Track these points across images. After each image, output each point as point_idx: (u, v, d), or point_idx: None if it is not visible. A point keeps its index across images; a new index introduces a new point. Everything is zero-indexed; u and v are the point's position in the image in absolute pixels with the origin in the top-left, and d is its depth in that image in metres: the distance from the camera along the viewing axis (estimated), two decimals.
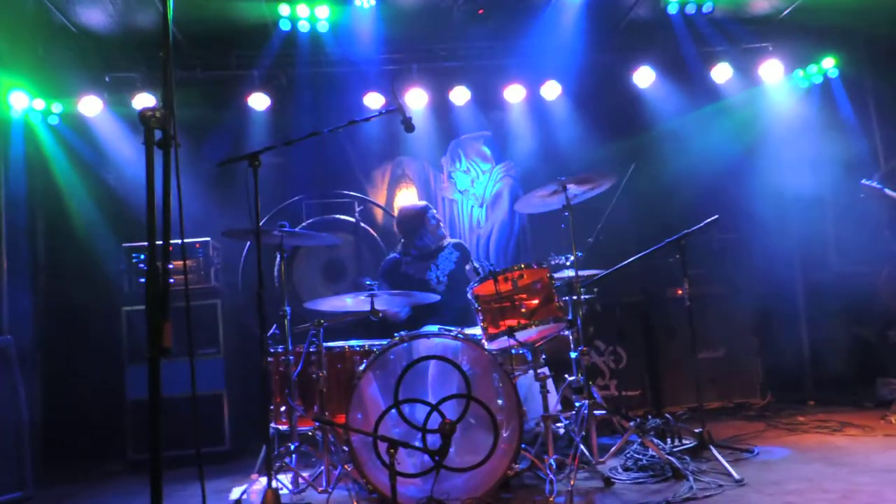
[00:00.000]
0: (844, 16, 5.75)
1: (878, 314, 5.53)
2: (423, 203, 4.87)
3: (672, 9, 5.71)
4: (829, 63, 6.30)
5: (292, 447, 3.75)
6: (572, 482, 3.42)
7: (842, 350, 5.89)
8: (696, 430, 4.01)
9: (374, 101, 5.92)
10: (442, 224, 4.85)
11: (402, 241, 4.82)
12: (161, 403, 1.67)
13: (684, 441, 4.13)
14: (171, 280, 1.82)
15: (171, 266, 1.84)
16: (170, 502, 1.80)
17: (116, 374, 5.08)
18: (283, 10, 5.37)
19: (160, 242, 1.73)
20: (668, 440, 4.15)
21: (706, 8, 5.70)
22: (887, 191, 5.15)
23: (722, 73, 6.25)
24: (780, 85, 6.44)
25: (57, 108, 5.68)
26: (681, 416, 4.91)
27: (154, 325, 1.61)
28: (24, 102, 5.43)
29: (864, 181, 5.24)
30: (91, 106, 5.66)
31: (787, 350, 6.02)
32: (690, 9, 5.70)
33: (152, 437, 1.59)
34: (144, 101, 5.64)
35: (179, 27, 5.46)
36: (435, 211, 4.85)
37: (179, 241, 1.84)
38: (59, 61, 5.47)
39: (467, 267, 4.57)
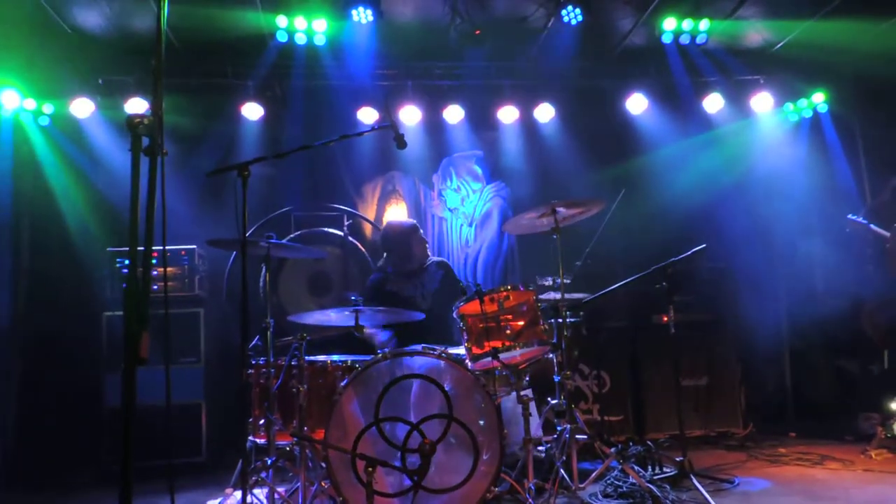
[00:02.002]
0: (834, 53, 5.84)
1: (861, 348, 5.56)
2: (412, 221, 4.81)
3: (667, 38, 5.78)
4: (819, 98, 6.40)
5: (269, 462, 3.69)
6: None
7: (824, 382, 5.90)
8: (678, 459, 3.99)
9: (367, 115, 5.94)
10: (427, 244, 4.80)
11: (385, 256, 4.76)
12: (135, 415, 1.63)
13: (665, 469, 4.11)
14: (155, 287, 1.79)
15: (154, 273, 1.81)
16: None
17: (95, 380, 5.01)
18: (281, 21, 5.38)
19: (141, 248, 1.70)
20: (649, 467, 4.13)
21: (700, 39, 5.78)
22: (873, 226, 5.21)
23: (713, 103, 6.33)
24: (770, 117, 6.53)
25: (48, 108, 5.64)
26: (662, 443, 4.88)
27: (131, 336, 1.58)
28: (15, 102, 5.40)
29: (850, 216, 5.30)
30: (83, 108, 5.63)
31: (769, 381, 6.04)
32: (685, 39, 5.78)
33: (124, 450, 1.55)
34: (137, 105, 5.63)
35: (176, 33, 5.44)
36: (422, 231, 4.81)
37: (162, 248, 1.81)
38: (53, 62, 5.44)
39: (450, 282, 4.56)
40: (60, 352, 5.37)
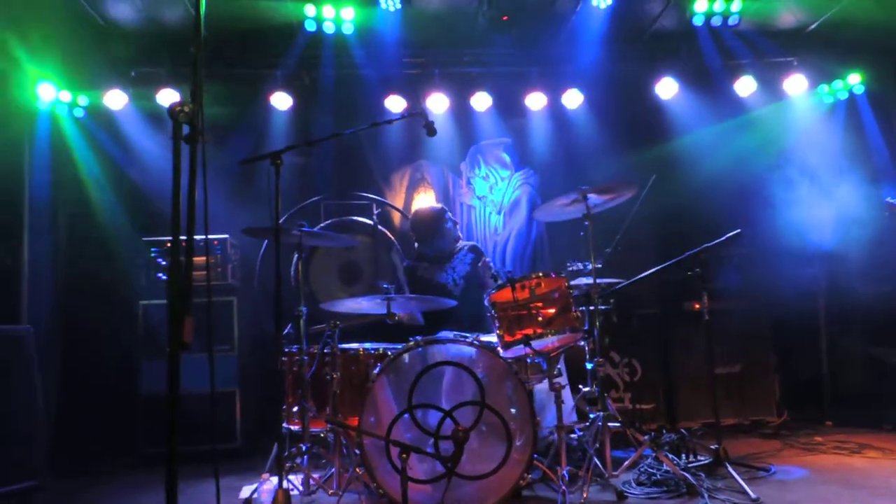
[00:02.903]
0: (871, 31, 5.68)
1: None
2: (440, 205, 4.86)
3: (698, 20, 5.66)
4: (854, 79, 6.23)
5: (304, 448, 3.73)
6: (585, 495, 3.39)
7: (861, 370, 5.77)
8: (712, 447, 3.95)
9: (395, 104, 5.92)
10: (458, 225, 4.83)
11: (417, 244, 4.80)
12: (178, 399, 1.66)
13: (699, 457, 4.07)
14: None
15: None
16: (180, 498, 1.79)
17: (131, 368, 5.10)
18: (309, 10, 5.37)
19: (184, 238, 1.72)
20: (683, 456, 4.09)
21: (732, 20, 5.65)
22: None
23: (746, 86, 6.19)
24: (804, 100, 6.38)
25: (83, 100, 5.72)
26: (696, 431, 4.85)
27: (176, 319, 1.61)
28: (51, 94, 5.48)
29: (888, 199, 5.16)
30: (116, 100, 5.70)
31: (805, 368, 5.93)
32: (716, 21, 5.64)
33: (168, 431, 1.58)
34: (169, 96, 5.69)
35: (205, 24, 5.46)
36: (451, 213, 4.83)
37: (203, 237, 1.84)
38: (86, 54, 5.51)
39: (479, 264, 4.57)
40: (97, 340, 5.47)
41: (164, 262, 5.22)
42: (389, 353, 3.67)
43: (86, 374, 5.43)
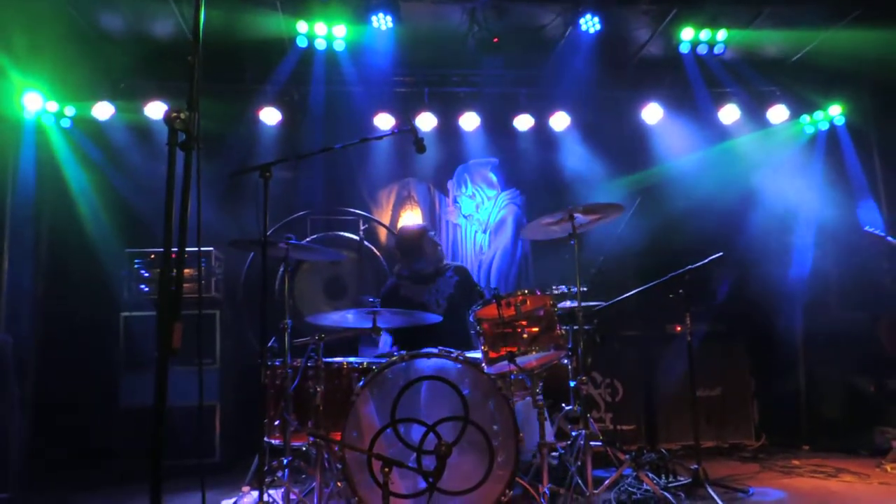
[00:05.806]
0: (852, 63, 5.82)
1: (877, 361, 5.51)
2: (423, 224, 4.84)
3: (684, 48, 5.78)
4: (835, 110, 6.38)
5: (285, 462, 3.70)
6: None
7: (839, 395, 5.84)
8: (692, 467, 3.97)
9: (384, 121, 5.97)
10: (440, 247, 4.78)
11: (400, 261, 4.77)
12: (164, 407, 1.66)
13: (679, 478, 4.09)
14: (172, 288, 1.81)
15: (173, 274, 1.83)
16: None
17: (111, 380, 5.05)
18: (301, 27, 5.41)
19: (175, 249, 1.73)
20: (663, 476, 4.11)
21: (718, 49, 5.78)
22: (889, 238, 5.18)
23: (729, 114, 6.33)
24: (786, 129, 6.52)
25: (70, 111, 5.71)
26: (676, 452, 4.88)
27: (165, 325, 1.61)
28: (37, 104, 5.47)
29: (867, 228, 5.27)
30: (103, 111, 5.70)
31: (783, 393, 5.99)
32: (702, 49, 5.77)
33: (154, 440, 1.57)
34: (157, 109, 5.69)
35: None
36: (434, 233, 4.81)
37: (195, 249, 1.85)
38: (75, 64, 5.49)
39: (468, 288, 4.57)
40: (77, 352, 5.40)
41: (147, 274, 5.19)
42: (373, 367, 3.67)
43: (65, 385, 5.34)
